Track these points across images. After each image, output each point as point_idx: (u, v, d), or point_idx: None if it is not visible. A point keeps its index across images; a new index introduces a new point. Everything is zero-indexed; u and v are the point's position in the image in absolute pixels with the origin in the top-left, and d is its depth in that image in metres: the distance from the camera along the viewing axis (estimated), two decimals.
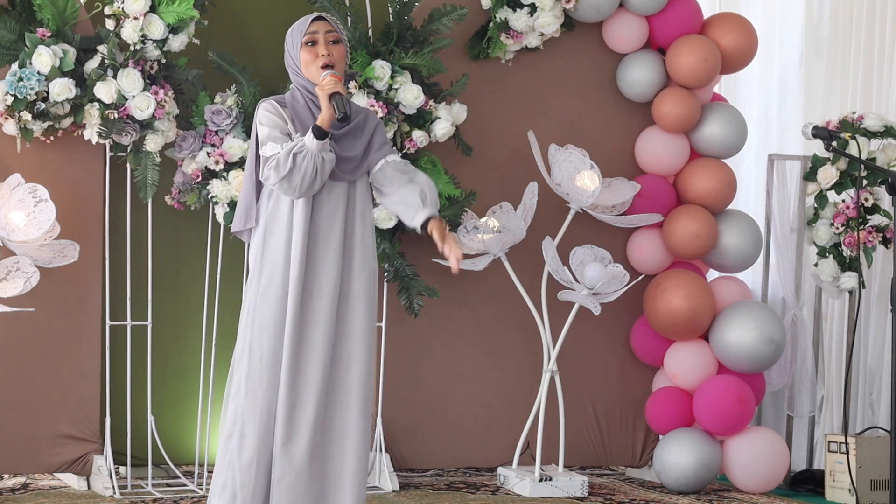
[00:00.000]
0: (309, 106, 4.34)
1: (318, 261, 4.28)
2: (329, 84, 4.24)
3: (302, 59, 4.32)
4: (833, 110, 6.79)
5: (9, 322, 5.58)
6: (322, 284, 4.27)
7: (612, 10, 6.29)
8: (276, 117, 4.30)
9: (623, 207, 6.24)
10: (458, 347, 6.27)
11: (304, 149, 4.20)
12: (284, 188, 4.23)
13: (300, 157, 4.19)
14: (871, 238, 6.23)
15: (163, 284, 5.87)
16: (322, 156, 4.21)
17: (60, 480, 5.92)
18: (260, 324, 4.27)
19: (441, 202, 5.91)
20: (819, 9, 7.10)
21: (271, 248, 4.29)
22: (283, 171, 4.20)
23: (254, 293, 4.31)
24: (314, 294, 4.27)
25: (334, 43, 4.33)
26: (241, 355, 4.32)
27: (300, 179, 4.20)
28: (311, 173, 4.20)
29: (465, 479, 6.27)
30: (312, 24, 4.34)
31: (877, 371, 6.73)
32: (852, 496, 6.05)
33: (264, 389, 4.25)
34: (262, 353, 4.26)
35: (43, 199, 5.43)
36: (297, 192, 4.23)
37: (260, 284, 4.29)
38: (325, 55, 4.30)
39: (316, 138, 4.21)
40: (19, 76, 5.36)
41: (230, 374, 4.37)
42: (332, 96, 4.23)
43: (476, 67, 6.22)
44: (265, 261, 4.30)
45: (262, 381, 4.25)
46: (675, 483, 6.17)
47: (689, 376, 6.26)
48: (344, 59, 4.35)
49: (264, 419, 4.24)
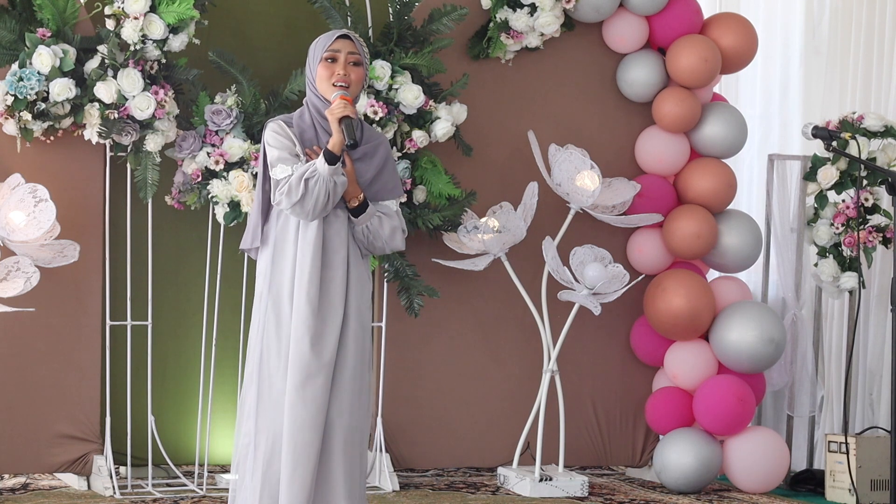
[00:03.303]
0: (315, 126, 4.29)
1: (327, 282, 4.25)
2: (339, 108, 4.18)
3: (318, 74, 4.26)
4: (833, 110, 6.79)
5: (9, 322, 5.58)
6: (331, 305, 4.23)
7: (612, 10, 6.29)
8: (284, 139, 4.25)
9: (623, 207, 6.24)
10: (458, 347, 6.27)
11: (315, 173, 4.15)
12: (297, 212, 4.19)
13: (312, 182, 4.15)
14: (871, 238, 6.23)
15: (163, 284, 5.87)
16: (334, 180, 4.16)
17: (60, 480, 5.92)
18: (268, 344, 4.25)
19: (441, 202, 5.92)
20: (819, 9, 7.10)
21: (278, 269, 4.27)
22: (296, 197, 4.16)
23: (262, 313, 4.28)
24: (324, 315, 4.24)
25: (354, 65, 4.27)
26: (251, 375, 4.29)
27: (313, 204, 4.16)
28: (324, 197, 4.16)
29: (465, 479, 6.27)
30: (337, 41, 4.27)
31: (877, 371, 6.73)
32: (852, 496, 6.05)
33: (274, 412, 4.22)
34: (272, 374, 4.24)
35: (43, 199, 5.43)
36: (311, 215, 4.19)
37: (267, 305, 4.27)
38: (342, 74, 4.24)
39: (327, 163, 4.16)
40: (19, 76, 5.36)
41: (243, 392, 4.34)
42: (342, 120, 4.18)
43: (476, 67, 6.22)
44: (273, 280, 4.27)
45: (271, 402, 4.23)
46: (675, 483, 6.17)
47: (690, 376, 6.27)
48: (361, 82, 4.29)
49: (272, 442, 4.23)
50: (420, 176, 5.90)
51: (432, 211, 5.91)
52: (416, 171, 5.89)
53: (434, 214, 5.91)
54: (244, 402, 4.32)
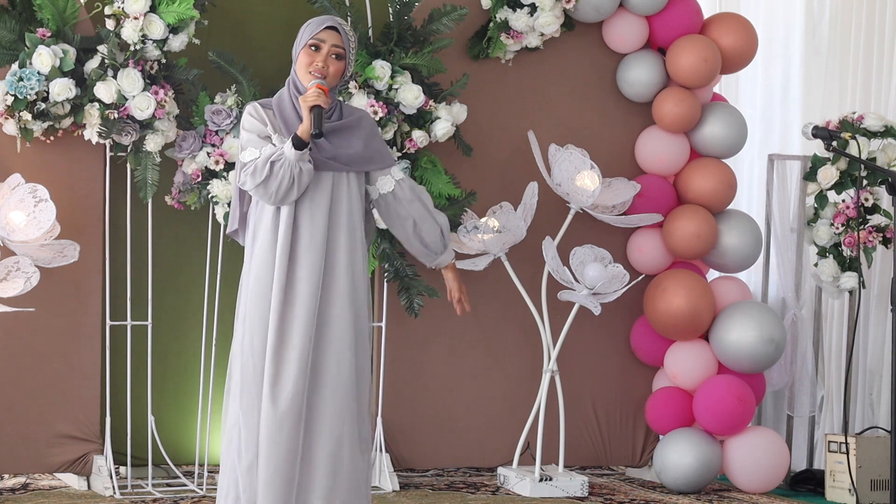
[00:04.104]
0: (295, 105, 4.32)
1: (298, 263, 4.26)
2: (311, 96, 4.21)
3: (299, 60, 4.31)
4: (833, 110, 6.79)
5: (9, 322, 5.58)
6: (301, 287, 4.24)
7: (612, 10, 6.29)
8: (257, 121, 4.30)
9: (623, 207, 6.24)
10: (458, 347, 6.27)
11: (282, 157, 4.18)
12: (260, 194, 4.22)
13: (277, 166, 4.18)
14: (871, 238, 6.23)
15: (163, 284, 5.87)
16: (300, 166, 4.18)
17: (60, 480, 5.92)
18: (249, 325, 4.27)
19: (441, 202, 5.92)
20: (819, 9, 7.10)
21: (258, 249, 4.29)
22: (259, 178, 4.19)
23: (244, 293, 4.32)
24: (295, 296, 4.25)
25: (336, 58, 4.30)
26: (234, 357, 4.32)
27: (276, 187, 4.19)
28: (288, 182, 4.18)
29: (465, 479, 6.27)
30: (324, 30, 4.30)
31: (877, 371, 6.73)
32: (852, 496, 6.05)
33: (256, 392, 4.24)
34: (254, 354, 4.25)
35: (43, 199, 5.43)
36: (273, 199, 4.22)
37: (249, 284, 4.30)
38: (320, 66, 4.27)
39: (295, 148, 4.19)
40: (19, 76, 5.36)
41: (228, 373, 4.37)
42: (313, 109, 4.20)
43: (476, 67, 6.22)
44: (253, 261, 4.30)
45: (254, 383, 4.24)
46: (675, 483, 6.17)
47: (689, 376, 6.27)
48: (339, 75, 4.32)
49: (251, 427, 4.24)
50: (420, 176, 5.90)
51: None
52: (416, 171, 5.89)
53: None
54: (230, 381, 4.33)
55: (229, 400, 4.33)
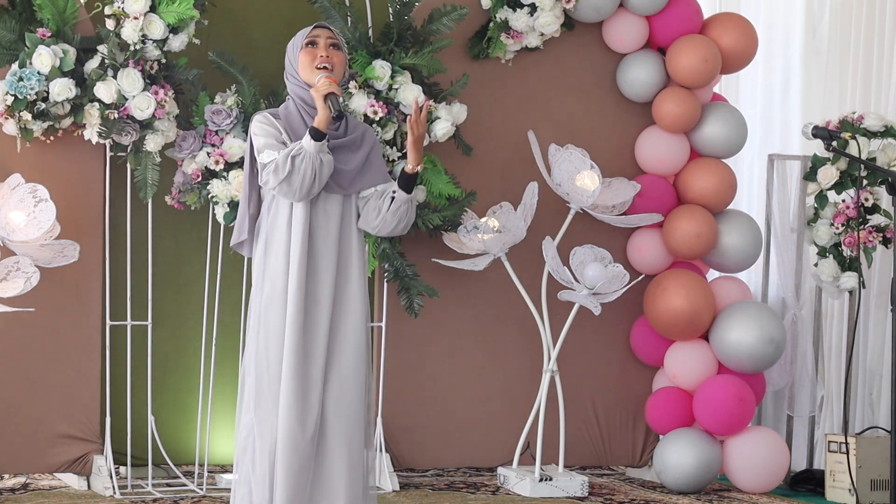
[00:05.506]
0: (302, 115, 4.38)
1: (316, 271, 4.29)
2: (324, 85, 4.30)
3: (300, 61, 4.38)
4: (833, 110, 6.79)
5: (9, 322, 5.58)
6: (320, 294, 4.29)
7: (612, 10, 6.29)
8: (270, 128, 4.36)
9: (623, 207, 6.24)
10: (458, 347, 6.27)
11: (301, 151, 4.24)
12: (284, 191, 4.25)
13: (298, 160, 4.23)
14: (871, 238, 6.23)
15: (163, 284, 5.87)
16: (320, 157, 4.25)
17: (60, 480, 5.92)
18: (265, 335, 4.28)
19: (441, 202, 5.92)
20: (819, 9, 7.10)
21: (272, 259, 4.32)
22: (283, 174, 4.23)
23: (258, 304, 4.33)
24: (313, 304, 4.28)
25: (334, 48, 4.40)
26: (248, 367, 4.33)
27: (300, 182, 4.23)
28: (311, 175, 4.23)
29: (465, 479, 6.27)
30: (315, 29, 4.43)
31: (877, 371, 6.73)
32: (852, 496, 6.05)
33: (273, 401, 4.26)
34: (269, 364, 4.27)
35: (43, 199, 5.43)
36: (297, 194, 4.25)
37: (263, 295, 4.31)
38: (324, 56, 4.36)
39: (313, 139, 4.23)
40: (19, 76, 5.36)
41: (240, 385, 4.38)
42: (328, 96, 4.27)
43: (476, 67, 6.22)
44: (267, 272, 4.32)
45: (270, 392, 4.26)
46: (675, 483, 6.17)
47: (689, 376, 6.27)
48: (342, 65, 4.42)
49: (275, 431, 4.25)
50: (420, 176, 5.89)
51: (432, 211, 5.91)
52: None
53: (434, 214, 5.91)
54: (242, 396, 4.35)
55: (241, 410, 4.34)
